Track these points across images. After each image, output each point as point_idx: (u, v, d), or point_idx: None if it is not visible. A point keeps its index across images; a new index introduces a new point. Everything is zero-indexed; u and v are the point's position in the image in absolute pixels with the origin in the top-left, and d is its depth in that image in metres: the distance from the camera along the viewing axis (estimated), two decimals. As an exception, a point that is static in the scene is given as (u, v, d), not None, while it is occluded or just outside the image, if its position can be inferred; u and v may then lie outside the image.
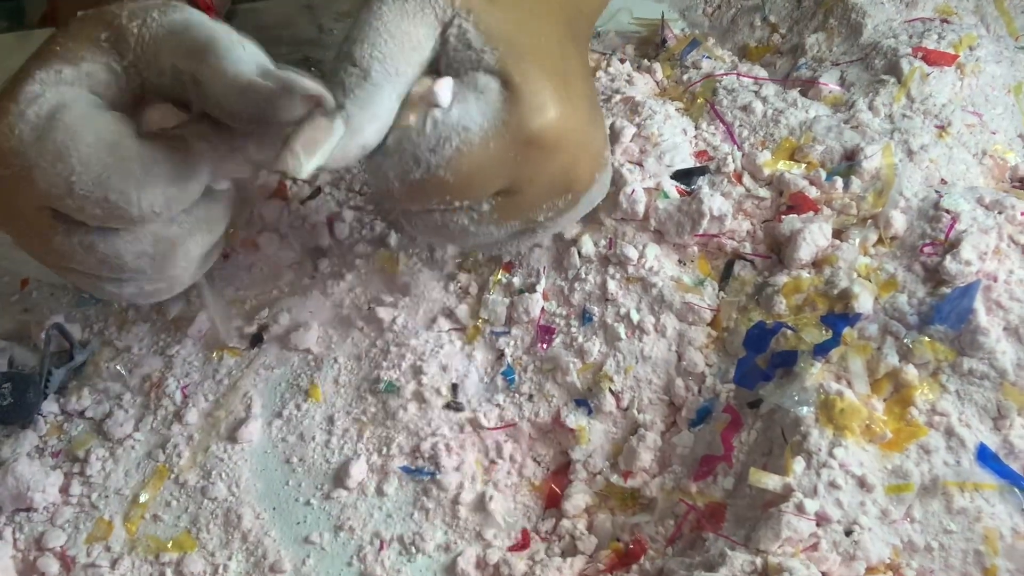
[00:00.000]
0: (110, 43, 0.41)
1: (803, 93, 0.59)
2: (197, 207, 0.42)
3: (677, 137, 0.55)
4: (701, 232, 0.51)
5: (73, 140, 0.39)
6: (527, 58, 0.40)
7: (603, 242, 0.53)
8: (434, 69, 0.41)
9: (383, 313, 0.53)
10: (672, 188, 0.53)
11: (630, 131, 0.54)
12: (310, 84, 0.36)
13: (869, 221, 0.51)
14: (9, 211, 0.42)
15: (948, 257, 0.46)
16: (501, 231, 0.44)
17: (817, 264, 0.50)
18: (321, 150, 0.36)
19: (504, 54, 0.40)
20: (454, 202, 0.41)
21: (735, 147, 0.56)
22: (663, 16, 0.68)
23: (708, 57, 0.64)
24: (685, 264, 0.53)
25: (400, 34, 0.39)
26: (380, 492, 0.49)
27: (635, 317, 0.50)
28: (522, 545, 0.47)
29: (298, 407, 0.52)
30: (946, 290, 0.46)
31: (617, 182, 0.52)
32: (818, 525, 0.41)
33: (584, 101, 0.43)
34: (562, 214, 0.45)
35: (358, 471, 0.49)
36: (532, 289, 0.53)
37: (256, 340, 0.55)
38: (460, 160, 0.39)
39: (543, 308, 0.52)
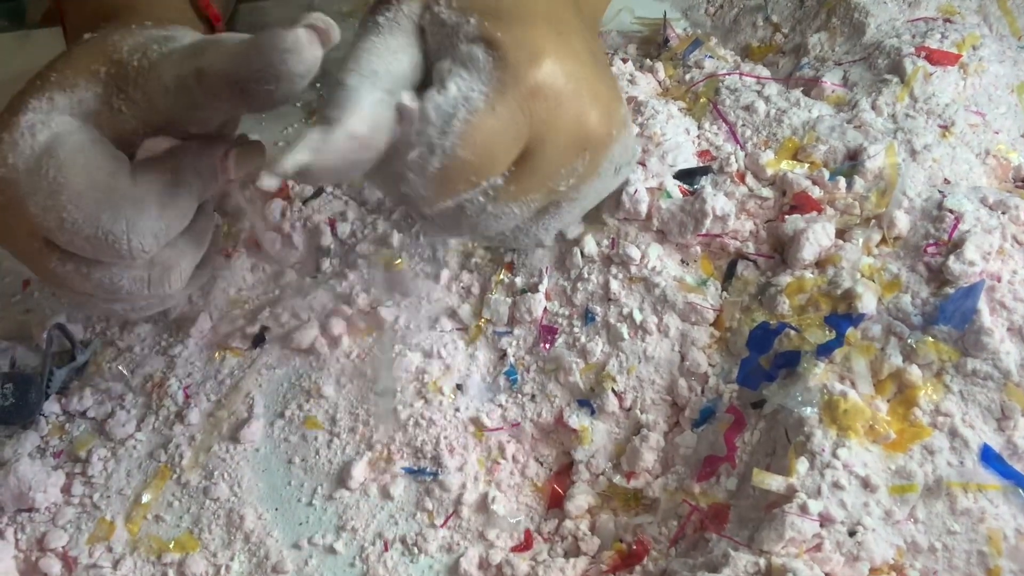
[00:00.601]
0: (109, 76, 0.41)
1: (806, 93, 0.59)
2: (188, 227, 0.43)
3: (680, 137, 0.55)
4: (704, 232, 0.51)
5: (66, 177, 0.39)
6: (508, 16, 0.39)
7: (606, 242, 0.53)
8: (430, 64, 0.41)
9: (385, 313, 0.53)
10: (675, 188, 0.53)
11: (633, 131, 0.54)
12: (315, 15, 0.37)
13: (872, 221, 0.50)
14: (5, 233, 0.42)
15: (952, 257, 0.46)
16: (523, 209, 0.41)
17: (820, 264, 0.50)
18: (301, 145, 0.35)
19: (481, 18, 0.39)
20: (478, 181, 0.39)
21: (738, 147, 0.56)
22: (665, 16, 0.68)
23: (710, 57, 0.64)
24: (688, 264, 0.53)
25: (371, 47, 0.39)
26: (382, 493, 0.49)
27: (638, 317, 0.50)
28: (525, 546, 0.47)
29: (300, 407, 0.52)
30: (950, 290, 0.45)
31: (620, 182, 0.52)
32: (822, 526, 0.40)
33: (586, 55, 0.42)
34: (584, 180, 0.42)
35: (360, 471, 0.49)
36: (535, 289, 0.53)
37: (258, 340, 0.54)
38: (472, 132, 0.37)
39: (545, 308, 0.52)
